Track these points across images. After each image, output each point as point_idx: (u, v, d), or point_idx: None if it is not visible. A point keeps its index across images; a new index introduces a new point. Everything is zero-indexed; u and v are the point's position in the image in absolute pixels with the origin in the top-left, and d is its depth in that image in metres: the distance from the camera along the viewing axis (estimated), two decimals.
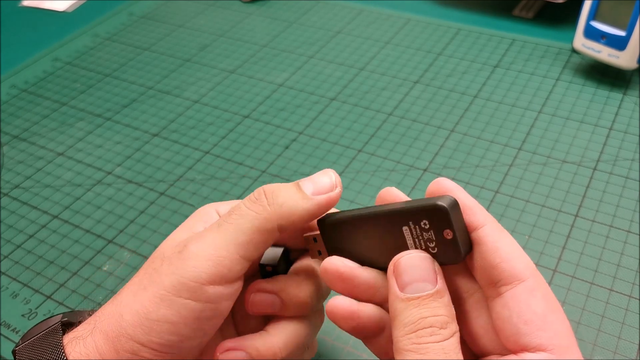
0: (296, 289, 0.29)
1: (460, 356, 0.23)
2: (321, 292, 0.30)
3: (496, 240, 0.24)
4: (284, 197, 0.26)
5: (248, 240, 0.25)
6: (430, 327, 0.23)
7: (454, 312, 0.24)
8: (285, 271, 0.30)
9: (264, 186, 0.27)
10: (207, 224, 0.29)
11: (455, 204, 0.24)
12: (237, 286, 0.27)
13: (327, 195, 0.26)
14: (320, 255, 0.29)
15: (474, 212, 0.25)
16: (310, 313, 0.30)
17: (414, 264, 0.24)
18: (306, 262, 0.30)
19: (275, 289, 0.28)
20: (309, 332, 0.29)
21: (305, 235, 0.29)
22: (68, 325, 0.28)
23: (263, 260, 0.30)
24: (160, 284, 0.25)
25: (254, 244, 0.26)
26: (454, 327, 0.23)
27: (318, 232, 0.28)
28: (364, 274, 0.27)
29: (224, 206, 0.30)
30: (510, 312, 0.23)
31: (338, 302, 0.26)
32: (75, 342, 0.25)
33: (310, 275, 0.29)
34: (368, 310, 0.26)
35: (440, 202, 0.23)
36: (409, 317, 0.23)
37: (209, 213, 0.29)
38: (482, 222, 0.25)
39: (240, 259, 0.26)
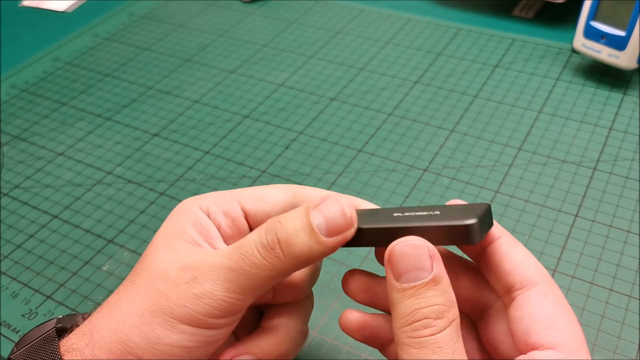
0: (291, 279, 0.29)
1: (459, 346, 0.23)
2: (312, 276, 0.30)
3: (510, 250, 0.25)
4: (299, 246, 0.25)
5: (262, 286, 0.25)
6: (425, 318, 0.22)
7: (454, 297, 0.23)
8: None
9: (277, 227, 0.25)
10: (193, 224, 0.28)
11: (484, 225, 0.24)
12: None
13: (342, 237, 0.25)
14: None
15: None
16: (302, 298, 0.30)
17: (407, 251, 0.23)
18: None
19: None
20: (304, 317, 0.30)
21: None
22: (62, 331, 0.28)
23: None
24: (170, 312, 0.25)
25: (269, 287, 0.26)
26: (451, 315, 0.23)
27: None
28: (384, 285, 0.27)
29: (205, 201, 0.29)
30: (522, 313, 0.24)
31: (349, 315, 0.27)
32: (72, 354, 0.25)
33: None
34: (379, 320, 0.27)
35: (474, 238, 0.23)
36: (404, 309, 0.23)
37: (191, 211, 0.29)
38: (497, 235, 0.26)
39: (254, 297, 0.26)
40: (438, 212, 0.24)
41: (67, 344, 0.26)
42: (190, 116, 0.55)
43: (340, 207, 0.25)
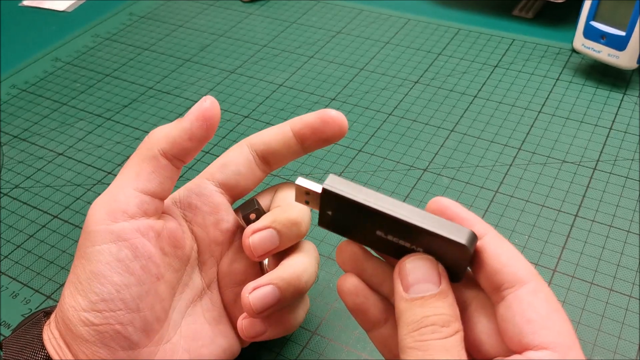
0: (286, 213, 0.30)
1: (463, 354, 0.23)
2: (309, 212, 0.31)
3: (498, 247, 0.25)
4: (157, 131, 0.29)
5: (137, 171, 0.28)
6: (432, 325, 0.23)
7: (458, 312, 0.24)
8: None
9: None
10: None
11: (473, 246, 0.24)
12: (147, 222, 0.29)
13: (198, 110, 0.29)
14: (308, 204, 0.28)
15: (473, 224, 0.25)
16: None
17: (418, 265, 0.25)
18: (281, 195, 0.32)
19: (267, 222, 0.30)
20: (315, 255, 0.32)
21: (297, 184, 0.27)
22: (49, 314, 0.30)
23: (243, 211, 0.31)
24: (78, 246, 0.28)
25: (144, 174, 0.29)
26: (457, 326, 0.24)
27: (314, 189, 0.27)
28: (374, 263, 0.28)
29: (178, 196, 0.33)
30: (514, 312, 0.24)
31: (348, 278, 0.28)
32: (47, 327, 0.29)
33: (291, 201, 0.31)
34: (373, 298, 0.28)
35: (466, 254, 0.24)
36: (412, 317, 0.24)
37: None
38: (482, 232, 0.25)
39: (133, 191, 0.28)
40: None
41: (47, 323, 0.29)
42: None
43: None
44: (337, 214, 0.27)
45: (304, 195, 0.27)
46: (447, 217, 0.25)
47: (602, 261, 0.39)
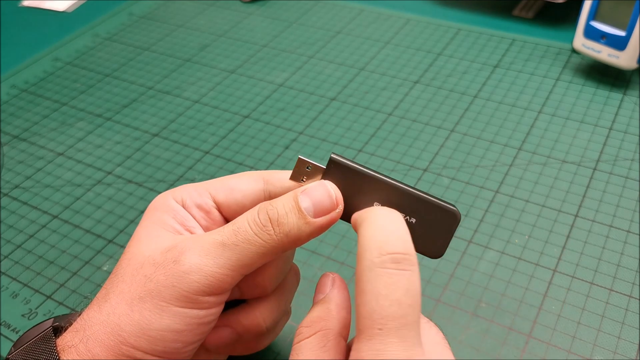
0: (255, 277, 0.29)
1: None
2: (277, 273, 0.30)
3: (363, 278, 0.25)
4: (289, 226, 0.26)
5: (252, 263, 0.26)
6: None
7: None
8: None
9: (268, 207, 0.27)
10: (173, 216, 0.29)
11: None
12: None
13: (329, 217, 0.27)
14: (304, 182, 0.28)
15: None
16: (269, 293, 0.30)
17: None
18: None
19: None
20: (287, 297, 0.31)
21: (301, 157, 0.28)
22: (59, 329, 0.28)
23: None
24: (159, 295, 0.25)
25: (257, 265, 0.27)
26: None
27: (316, 163, 0.28)
28: None
29: (179, 195, 0.30)
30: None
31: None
32: (68, 351, 0.25)
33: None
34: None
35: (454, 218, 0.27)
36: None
37: (168, 204, 0.29)
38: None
39: (241, 275, 0.27)
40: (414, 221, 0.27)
41: (63, 342, 0.26)
42: (190, 116, 0.55)
43: (326, 190, 0.27)
44: (338, 186, 0.28)
45: (303, 172, 0.28)
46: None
47: (602, 261, 0.39)
